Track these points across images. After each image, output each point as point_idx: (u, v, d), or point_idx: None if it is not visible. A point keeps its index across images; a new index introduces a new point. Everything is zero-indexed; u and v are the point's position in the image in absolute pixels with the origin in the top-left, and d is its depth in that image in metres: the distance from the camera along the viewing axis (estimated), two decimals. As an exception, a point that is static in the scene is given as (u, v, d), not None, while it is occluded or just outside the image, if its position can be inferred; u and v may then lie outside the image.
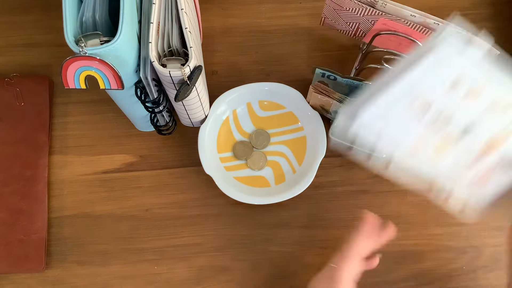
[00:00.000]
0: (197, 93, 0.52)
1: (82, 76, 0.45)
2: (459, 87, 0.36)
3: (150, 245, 0.58)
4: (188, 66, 0.46)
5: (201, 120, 0.60)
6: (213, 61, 0.65)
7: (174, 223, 0.59)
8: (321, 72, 0.56)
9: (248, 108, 0.62)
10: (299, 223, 0.59)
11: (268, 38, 0.66)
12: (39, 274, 0.57)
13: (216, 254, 0.58)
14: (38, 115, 0.62)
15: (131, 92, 0.51)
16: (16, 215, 0.58)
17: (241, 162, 0.61)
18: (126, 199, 0.60)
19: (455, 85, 0.36)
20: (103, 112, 0.63)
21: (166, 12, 0.49)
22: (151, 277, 0.57)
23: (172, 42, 0.49)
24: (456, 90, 0.36)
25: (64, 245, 0.58)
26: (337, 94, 0.55)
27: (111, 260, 0.58)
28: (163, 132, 0.59)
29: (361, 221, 0.48)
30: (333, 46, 0.66)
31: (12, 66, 0.65)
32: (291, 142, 0.61)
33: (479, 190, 0.37)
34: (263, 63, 0.65)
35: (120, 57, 0.45)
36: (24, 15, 0.67)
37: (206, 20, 0.66)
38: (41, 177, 0.60)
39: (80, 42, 0.43)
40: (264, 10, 0.68)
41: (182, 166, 0.61)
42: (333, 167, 0.61)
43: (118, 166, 0.61)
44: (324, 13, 0.60)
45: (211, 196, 0.59)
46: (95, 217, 0.59)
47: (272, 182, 0.60)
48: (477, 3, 0.67)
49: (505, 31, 0.66)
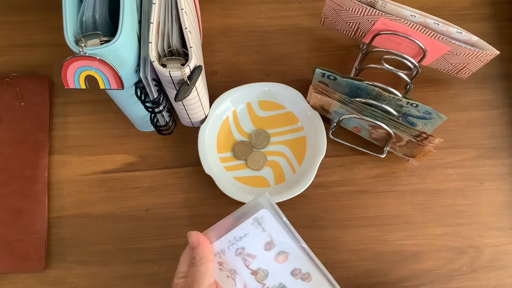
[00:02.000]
0: (197, 93, 0.52)
1: (82, 76, 0.45)
2: (273, 249, 0.46)
3: (150, 245, 0.58)
4: (188, 66, 0.46)
5: (201, 120, 0.60)
6: (213, 61, 0.65)
7: (174, 223, 0.59)
8: (321, 72, 0.56)
9: (248, 108, 0.62)
10: (299, 223, 0.59)
11: (268, 38, 0.66)
12: (39, 274, 0.57)
13: (216, 254, 0.58)
14: (38, 115, 0.62)
15: (131, 92, 0.51)
16: (16, 215, 0.58)
17: (241, 162, 0.61)
18: (126, 199, 0.60)
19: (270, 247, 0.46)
20: (103, 112, 0.63)
21: (166, 12, 0.49)
22: (151, 277, 0.57)
23: (172, 42, 0.49)
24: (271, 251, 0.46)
25: (64, 245, 0.58)
26: (337, 94, 0.55)
27: (111, 260, 0.58)
28: (163, 132, 0.59)
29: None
30: (333, 46, 0.66)
31: (12, 66, 0.65)
32: (291, 142, 0.61)
33: None
34: (263, 63, 0.65)
35: (120, 57, 0.45)
36: (24, 15, 0.67)
37: (206, 20, 0.66)
38: (41, 177, 0.60)
39: (80, 42, 0.43)
40: (264, 10, 0.68)
41: (182, 166, 0.61)
42: (333, 167, 0.61)
43: (118, 166, 0.61)
44: (324, 13, 0.60)
45: (211, 196, 0.59)
46: (95, 217, 0.59)
47: (272, 182, 0.60)
48: (477, 3, 0.67)
49: (505, 31, 0.66)
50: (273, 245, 0.46)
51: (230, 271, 0.47)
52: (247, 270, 0.47)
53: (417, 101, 0.53)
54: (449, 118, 0.59)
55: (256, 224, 0.46)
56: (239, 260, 0.47)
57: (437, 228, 0.58)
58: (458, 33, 0.53)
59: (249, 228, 0.46)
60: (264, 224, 0.46)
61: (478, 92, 0.63)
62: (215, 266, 0.46)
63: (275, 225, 0.46)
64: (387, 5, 0.54)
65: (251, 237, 0.46)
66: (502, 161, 0.61)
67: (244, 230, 0.46)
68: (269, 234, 0.46)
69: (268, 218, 0.46)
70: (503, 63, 0.64)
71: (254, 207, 0.45)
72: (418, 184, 0.60)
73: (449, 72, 0.61)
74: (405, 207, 0.59)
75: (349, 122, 0.59)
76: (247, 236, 0.46)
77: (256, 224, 0.46)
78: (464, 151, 0.61)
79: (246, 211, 0.46)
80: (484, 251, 0.58)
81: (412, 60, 0.56)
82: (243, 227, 0.46)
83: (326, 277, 0.46)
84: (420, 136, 0.53)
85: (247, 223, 0.46)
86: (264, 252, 0.47)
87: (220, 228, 0.46)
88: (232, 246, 0.46)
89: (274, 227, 0.46)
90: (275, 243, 0.46)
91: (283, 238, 0.46)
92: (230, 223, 0.46)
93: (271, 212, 0.45)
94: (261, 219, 0.46)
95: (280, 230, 0.46)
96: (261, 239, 0.46)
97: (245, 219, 0.46)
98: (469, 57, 0.55)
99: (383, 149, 0.59)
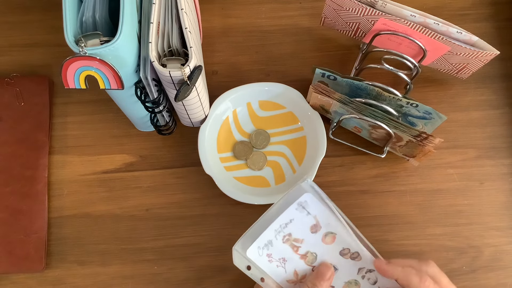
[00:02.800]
0: (197, 93, 0.52)
1: (82, 76, 0.45)
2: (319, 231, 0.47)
3: (150, 245, 0.58)
4: (188, 66, 0.46)
5: (201, 120, 0.60)
6: (213, 61, 0.65)
7: (174, 223, 0.59)
8: (321, 72, 0.56)
9: (248, 108, 0.62)
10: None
11: (268, 38, 0.66)
12: (39, 274, 0.57)
13: (216, 254, 0.58)
14: (38, 115, 0.62)
15: (131, 92, 0.51)
16: (16, 215, 0.58)
17: (241, 162, 0.61)
18: (126, 199, 0.60)
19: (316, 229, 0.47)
20: (103, 112, 0.63)
21: (166, 12, 0.49)
22: (151, 277, 0.57)
23: (172, 42, 0.49)
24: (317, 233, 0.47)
25: (64, 245, 0.58)
26: (337, 94, 0.55)
27: (111, 260, 0.58)
28: (163, 132, 0.59)
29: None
30: (333, 46, 0.66)
31: (12, 66, 0.65)
32: (291, 142, 0.61)
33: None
34: (263, 63, 0.65)
35: (120, 57, 0.45)
36: (24, 15, 0.67)
37: (206, 20, 0.66)
38: (41, 177, 0.60)
39: (80, 42, 0.43)
40: (264, 10, 0.68)
41: (182, 166, 0.61)
42: (333, 167, 0.61)
43: (118, 166, 0.61)
44: (324, 13, 0.60)
45: (211, 196, 0.59)
46: (95, 217, 0.59)
47: (272, 182, 0.60)
48: (477, 3, 0.67)
49: (505, 31, 0.66)
50: (319, 227, 0.47)
51: (279, 260, 0.47)
52: (296, 255, 0.47)
53: (417, 101, 0.53)
54: (449, 118, 0.59)
55: (300, 208, 0.46)
56: (287, 247, 0.47)
57: (437, 228, 0.58)
58: (458, 33, 0.53)
59: (293, 214, 0.46)
60: (308, 208, 0.46)
61: (478, 92, 0.63)
62: (263, 260, 0.46)
63: (319, 207, 0.46)
64: (387, 5, 0.54)
65: (297, 222, 0.46)
66: (502, 161, 0.61)
67: (289, 216, 0.46)
68: (314, 217, 0.47)
69: (312, 201, 0.46)
70: (503, 63, 0.64)
71: (296, 193, 0.46)
72: (418, 184, 0.60)
73: (449, 72, 0.61)
74: (405, 207, 0.59)
75: (349, 122, 0.59)
76: (293, 222, 0.46)
77: (301, 208, 0.46)
78: (464, 151, 0.61)
79: (288, 198, 0.46)
80: (484, 251, 0.58)
81: (412, 60, 0.56)
82: (287, 214, 0.46)
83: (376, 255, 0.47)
84: (420, 136, 0.53)
85: (291, 209, 0.46)
86: (311, 235, 0.47)
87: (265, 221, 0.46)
88: (279, 234, 0.46)
89: (319, 209, 0.46)
90: (321, 225, 0.47)
91: (328, 219, 0.47)
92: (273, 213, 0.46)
93: (314, 195, 0.46)
94: (305, 203, 0.46)
95: (325, 211, 0.46)
96: (307, 223, 0.47)
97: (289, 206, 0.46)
98: (469, 57, 0.55)
99: (383, 149, 0.59)
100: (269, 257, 0.47)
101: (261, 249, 0.46)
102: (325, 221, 0.47)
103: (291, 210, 0.46)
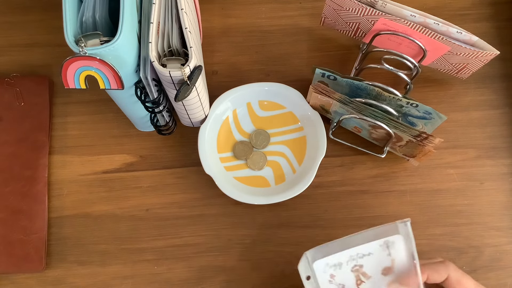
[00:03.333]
0: (197, 93, 0.52)
1: (82, 76, 0.45)
2: (389, 275, 0.45)
3: (150, 245, 0.58)
4: (188, 66, 0.46)
5: (201, 120, 0.60)
6: (213, 61, 0.65)
7: (174, 223, 0.59)
8: (321, 72, 0.56)
9: (248, 108, 0.62)
10: (299, 223, 0.59)
11: (268, 38, 0.66)
12: (39, 274, 0.57)
13: (216, 254, 0.58)
14: (38, 115, 0.62)
15: (131, 92, 0.51)
16: (16, 215, 0.58)
17: (241, 162, 0.61)
18: (126, 199, 0.60)
19: (387, 272, 0.45)
20: (103, 112, 0.63)
21: (166, 12, 0.49)
22: (151, 277, 0.57)
23: (172, 42, 0.49)
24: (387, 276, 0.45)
25: (64, 245, 0.58)
26: (337, 94, 0.55)
27: (111, 260, 0.58)
28: (163, 132, 0.59)
29: None
30: (333, 46, 0.66)
31: (12, 66, 0.65)
32: (291, 142, 0.61)
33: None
34: (263, 63, 0.65)
35: (120, 57, 0.45)
36: (24, 15, 0.67)
37: (206, 20, 0.66)
38: (41, 177, 0.60)
39: (80, 42, 0.43)
40: (264, 10, 0.68)
41: (182, 166, 0.61)
42: (333, 167, 0.61)
43: (118, 166, 0.61)
44: (324, 13, 0.60)
45: (211, 196, 0.59)
46: (95, 217, 0.59)
47: (272, 182, 0.60)
48: (477, 3, 0.67)
49: (505, 31, 0.66)
50: (391, 271, 0.45)
51: (339, 285, 0.46)
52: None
53: (417, 101, 0.53)
54: (449, 118, 0.59)
55: (384, 246, 0.45)
56: (352, 277, 0.46)
57: (437, 228, 0.58)
58: (458, 33, 0.53)
59: (375, 249, 0.45)
60: (392, 249, 0.45)
61: (478, 92, 0.63)
62: (325, 278, 0.45)
63: (402, 253, 0.45)
64: (387, 5, 0.54)
65: (374, 257, 0.45)
66: (502, 161, 0.61)
67: (370, 249, 0.45)
68: (393, 260, 0.45)
69: (399, 245, 0.45)
70: (503, 63, 0.64)
71: (389, 230, 0.44)
72: (418, 184, 0.60)
73: (449, 72, 0.61)
74: (405, 207, 0.59)
75: (349, 122, 0.59)
76: (370, 256, 0.45)
77: (385, 247, 0.45)
78: (464, 151, 0.61)
79: (379, 232, 0.45)
80: (484, 251, 0.58)
81: (412, 60, 0.56)
82: (369, 246, 0.45)
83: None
84: (420, 136, 0.53)
85: (375, 243, 0.45)
86: (380, 276, 0.46)
87: (344, 243, 0.45)
88: (351, 262, 0.45)
89: (401, 255, 0.45)
90: (394, 270, 0.45)
91: (404, 268, 0.45)
92: (356, 239, 0.45)
93: (405, 240, 0.44)
94: (392, 243, 0.45)
95: (405, 260, 0.45)
96: (382, 262, 0.45)
97: (375, 239, 0.45)
98: (469, 57, 0.55)
99: (383, 149, 0.59)
100: (331, 278, 0.46)
101: (328, 267, 0.45)
102: (400, 268, 0.45)
103: (374, 245, 0.45)
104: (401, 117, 0.57)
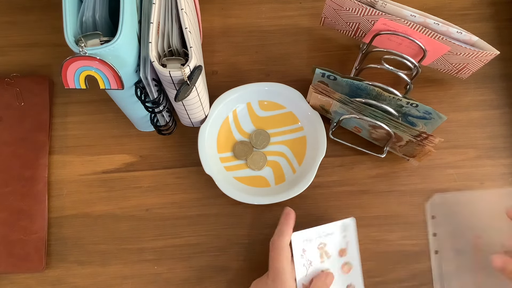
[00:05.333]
0: (197, 93, 0.52)
1: (82, 76, 0.45)
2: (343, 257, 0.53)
3: (150, 245, 0.58)
4: (188, 66, 0.46)
5: (201, 120, 0.60)
6: (213, 61, 0.65)
7: (174, 223, 0.59)
8: (321, 72, 0.56)
9: (248, 108, 0.62)
10: (299, 223, 0.59)
11: (268, 38, 0.66)
12: (39, 274, 0.57)
13: (216, 254, 0.58)
14: (38, 115, 0.62)
15: (131, 92, 0.51)
16: (16, 215, 0.58)
17: (241, 162, 0.61)
18: (126, 199, 0.60)
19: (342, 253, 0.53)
20: (103, 112, 0.63)
21: (166, 12, 0.49)
22: (151, 277, 0.57)
23: (172, 42, 0.49)
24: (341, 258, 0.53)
25: (64, 245, 0.58)
26: (337, 94, 0.55)
27: (111, 260, 0.58)
28: (163, 132, 0.59)
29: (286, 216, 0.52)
30: (333, 46, 0.66)
31: (12, 66, 0.65)
32: (291, 142, 0.61)
33: None
34: (263, 63, 0.65)
35: (120, 57, 0.45)
36: (24, 15, 0.67)
37: (206, 20, 0.66)
38: (41, 177, 0.60)
39: (80, 42, 0.43)
40: (264, 10, 0.68)
41: (182, 166, 0.61)
42: (333, 167, 0.61)
43: (118, 166, 0.61)
44: (324, 13, 0.60)
45: (211, 196, 0.59)
46: (95, 217, 0.59)
47: (272, 182, 0.60)
48: (477, 3, 0.67)
49: (505, 31, 0.66)
50: (345, 253, 0.53)
51: (307, 260, 0.51)
52: (320, 265, 0.52)
53: (417, 101, 0.53)
54: (449, 118, 0.59)
55: (342, 227, 0.53)
56: (317, 254, 0.52)
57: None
58: (458, 33, 0.53)
59: (336, 228, 0.53)
60: (347, 231, 0.53)
61: (478, 92, 0.63)
62: (299, 251, 0.51)
63: (353, 236, 0.53)
64: (387, 5, 0.54)
65: (334, 237, 0.53)
66: (502, 161, 0.61)
67: (332, 229, 0.53)
68: (347, 243, 0.53)
69: (351, 228, 0.53)
70: (503, 63, 0.64)
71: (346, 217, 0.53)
72: (418, 184, 0.60)
73: (449, 72, 0.61)
74: (405, 207, 0.59)
75: (349, 122, 0.59)
76: (332, 235, 0.53)
77: (343, 227, 0.53)
78: (464, 151, 0.61)
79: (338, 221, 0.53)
80: (484, 251, 0.58)
81: (412, 60, 0.56)
82: (332, 226, 0.53)
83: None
84: (420, 136, 0.53)
85: (336, 223, 0.53)
86: (337, 256, 0.53)
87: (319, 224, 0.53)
88: (318, 239, 0.52)
89: (352, 238, 0.53)
90: (348, 253, 0.53)
91: (355, 252, 0.53)
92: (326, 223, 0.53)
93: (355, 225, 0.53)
94: (347, 225, 0.53)
95: (355, 244, 0.53)
96: (339, 243, 0.53)
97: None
98: (469, 57, 0.55)
99: (383, 149, 0.59)
100: (303, 252, 0.51)
101: (302, 241, 0.51)
102: (352, 251, 0.53)
103: (336, 225, 0.53)
104: (401, 117, 0.57)
